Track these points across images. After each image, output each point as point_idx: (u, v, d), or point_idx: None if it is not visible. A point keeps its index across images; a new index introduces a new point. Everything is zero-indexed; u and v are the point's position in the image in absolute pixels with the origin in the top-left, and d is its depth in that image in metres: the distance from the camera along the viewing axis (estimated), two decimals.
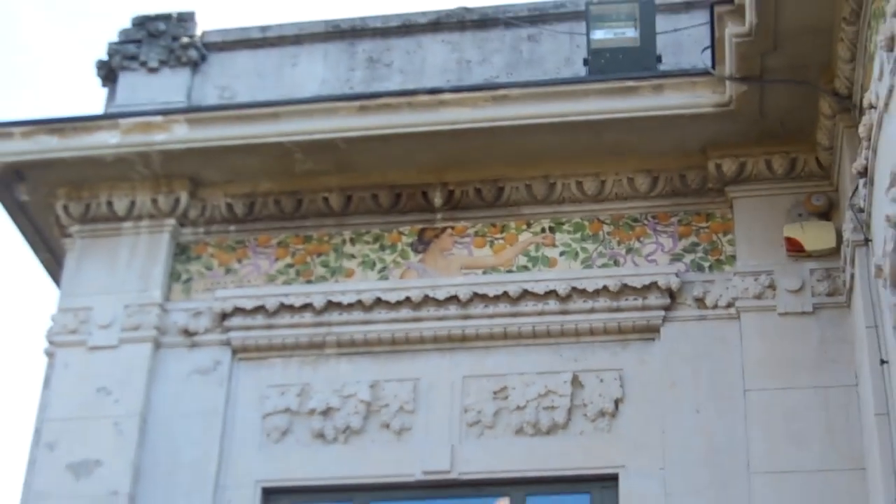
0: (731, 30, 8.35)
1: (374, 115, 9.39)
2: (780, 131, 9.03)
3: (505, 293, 9.16)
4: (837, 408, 8.38)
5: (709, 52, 8.98)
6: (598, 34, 9.57)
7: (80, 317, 9.51)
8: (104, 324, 9.44)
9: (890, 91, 7.11)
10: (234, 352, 9.34)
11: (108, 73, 10.65)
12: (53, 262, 10.59)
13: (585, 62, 9.68)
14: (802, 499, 8.14)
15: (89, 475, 8.91)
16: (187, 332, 9.42)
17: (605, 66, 9.52)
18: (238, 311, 9.38)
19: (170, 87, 10.38)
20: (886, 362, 7.63)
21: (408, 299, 9.25)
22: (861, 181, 7.99)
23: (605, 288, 9.07)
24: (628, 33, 9.55)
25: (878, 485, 7.62)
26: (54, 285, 10.84)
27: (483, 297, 9.18)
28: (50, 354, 9.53)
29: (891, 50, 7.09)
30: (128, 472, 8.88)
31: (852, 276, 8.41)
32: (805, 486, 8.18)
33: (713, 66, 8.87)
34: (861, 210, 8.10)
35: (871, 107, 7.51)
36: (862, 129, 7.82)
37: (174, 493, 8.84)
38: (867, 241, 8.08)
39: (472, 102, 9.28)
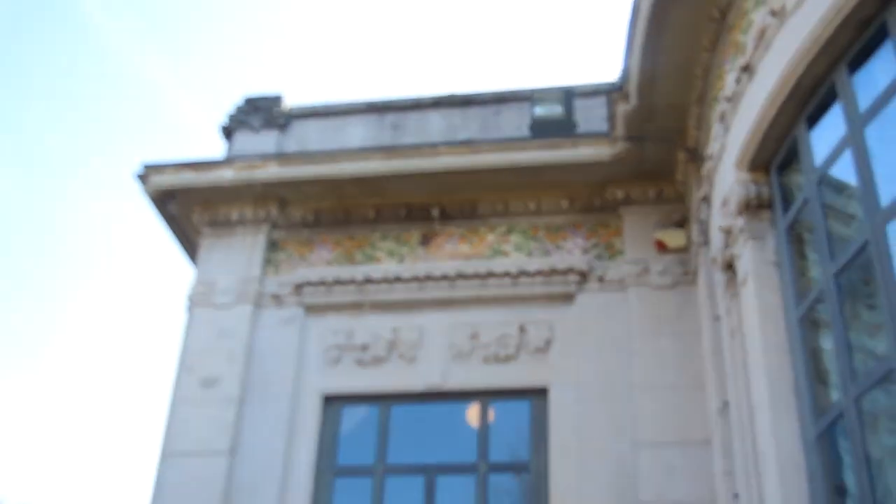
0: (621, 108, 8.47)
1: (396, 160, 9.49)
2: (652, 172, 9.11)
3: (477, 273, 9.26)
4: (688, 346, 8.49)
5: (607, 122, 9.11)
6: (539, 110, 9.68)
7: (208, 286, 9.61)
8: (224, 290, 9.54)
9: (721, 148, 7.26)
10: (306, 310, 9.43)
11: (228, 132, 10.71)
12: (191, 252, 10.65)
13: (531, 128, 9.78)
14: (665, 406, 8.26)
15: (213, 386, 9.01)
16: (276, 297, 9.51)
17: (542, 131, 9.62)
18: (308, 283, 9.48)
19: (266, 141, 10.45)
20: (719, 318, 7.74)
21: (415, 277, 9.35)
22: (703, 205, 8.12)
23: (540, 270, 9.17)
24: (557, 110, 9.66)
25: (712, 396, 7.75)
26: (192, 267, 10.93)
27: (463, 276, 9.28)
28: (190, 310, 9.60)
29: (721, 122, 7.23)
30: (237, 385, 8.98)
31: (697, 265, 8.54)
32: (667, 397, 8.30)
33: (610, 131, 8.99)
34: (703, 222, 8.22)
35: (710, 157, 7.64)
36: (704, 171, 7.95)
37: (267, 398, 8.93)
38: (706, 242, 8.20)
39: (458, 153, 9.39)
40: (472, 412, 8.88)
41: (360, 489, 8.60)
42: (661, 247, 9.05)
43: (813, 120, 6.18)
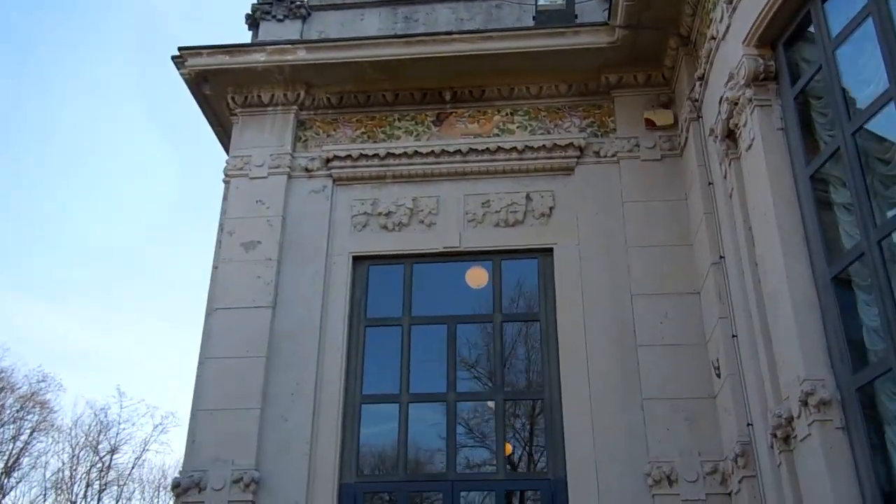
0: None
1: (413, 46, 8.85)
2: (643, 59, 8.60)
3: (487, 148, 8.76)
4: (675, 210, 8.18)
5: (607, 11, 8.53)
6: (542, 1, 9.06)
7: (244, 160, 8.97)
8: (259, 164, 8.92)
9: (727, 28, 6.77)
10: (334, 181, 8.87)
11: (253, 22, 9.92)
12: (223, 132, 9.97)
13: (534, 18, 9.18)
14: (657, 261, 7.97)
15: (253, 249, 8.48)
16: (306, 170, 8.93)
17: (545, 20, 9.02)
18: (336, 157, 8.90)
19: (290, 31, 9.70)
20: (712, 183, 7.40)
21: (432, 151, 8.82)
22: (698, 83, 7.68)
23: (543, 146, 8.70)
24: (559, 1, 9.05)
25: (706, 253, 7.46)
26: (220, 145, 10.27)
27: (475, 151, 8.77)
28: (227, 182, 8.99)
29: (729, 2, 6.71)
30: (275, 247, 8.47)
31: (686, 139, 8.14)
32: (658, 254, 8.01)
33: (609, 19, 8.43)
34: (696, 100, 7.80)
35: (712, 38, 7.14)
36: (703, 53, 7.48)
37: (303, 258, 8.45)
38: (699, 117, 7.80)
39: (470, 39, 8.76)
40: (474, 273, 8.48)
41: (389, 337, 8.22)
42: (650, 125, 8.62)
43: None
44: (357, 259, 8.53)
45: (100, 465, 35.84)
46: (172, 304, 52.11)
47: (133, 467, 36.71)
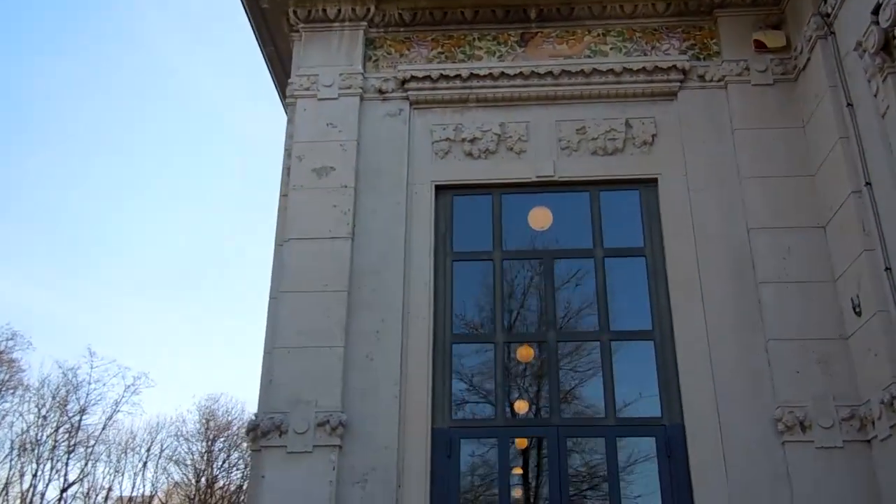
0: None
1: None
2: None
3: (581, 70, 8.06)
4: (791, 137, 7.56)
5: None
6: None
7: (310, 80, 8.21)
8: (327, 84, 8.16)
9: None
10: (411, 104, 8.15)
11: None
12: (275, 53, 9.21)
13: None
14: (775, 193, 7.35)
15: (327, 176, 7.76)
16: (380, 91, 8.19)
17: None
18: (413, 78, 8.17)
19: None
20: (851, 104, 6.77)
21: (520, 73, 8.10)
22: None
23: (643, 68, 8.01)
24: None
25: (834, 180, 6.85)
26: (268, 69, 9.52)
27: (568, 72, 8.07)
28: (292, 103, 8.23)
29: None
30: (351, 174, 7.75)
31: (807, 60, 7.48)
32: (776, 185, 7.39)
33: None
34: (827, 15, 7.14)
35: None
36: None
37: (381, 186, 7.75)
38: (829, 34, 7.14)
39: None
40: (538, 213, 7.81)
41: (479, 273, 7.57)
42: (760, 47, 7.97)
43: None
44: (440, 188, 7.84)
45: (68, 425, 35.09)
46: (142, 269, 51.23)
47: (104, 428, 35.99)
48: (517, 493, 6.77)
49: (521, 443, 7.03)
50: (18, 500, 32.87)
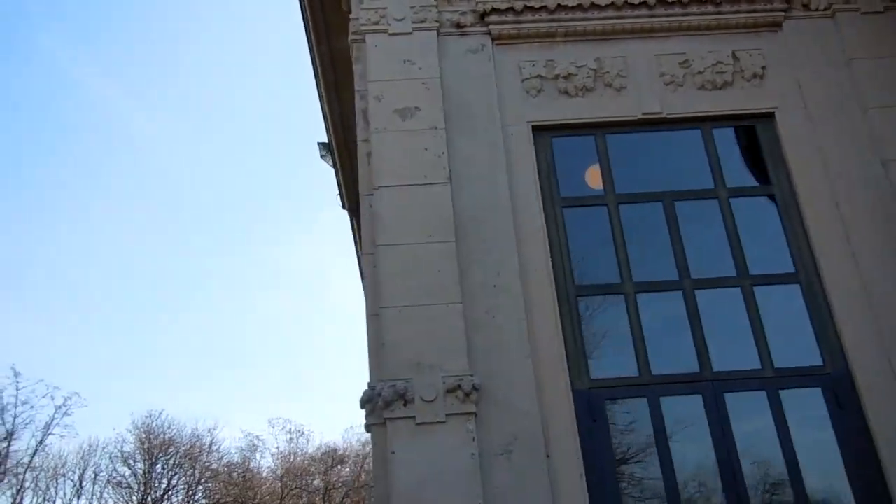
0: None
1: None
2: None
3: (679, 0, 7.42)
4: None
5: None
6: None
7: (379, 13, 7.30)
8: (399, 17, 7.27)
9: None
10: (493, 39, 7.34)
11: None
12: None
13: None
14: None
15: (412, 117, 6.86)
16: (458, 25, 7.35)
17: None
18: (494, 10, 7.37)
19: None
20: None
21: (612, 3, 7.41)
22: None
23: None
24: None
25: None
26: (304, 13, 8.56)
27: (664, 3, 7.43)
28: (358, 40, 7.31)
29: None
30: (439, 114, 6.87)
31: None
32: None
33: None
34: None
35: None
36: None
37: (473, 128, 6.91)
38: None
39: None
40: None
41: (593, 218, 6.80)
42: None
43: None
44: (537, 129, 7.04)
45: None
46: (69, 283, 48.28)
47: (34, 454, 33.56)
48: (678, 457, 5.99)
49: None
50: None
